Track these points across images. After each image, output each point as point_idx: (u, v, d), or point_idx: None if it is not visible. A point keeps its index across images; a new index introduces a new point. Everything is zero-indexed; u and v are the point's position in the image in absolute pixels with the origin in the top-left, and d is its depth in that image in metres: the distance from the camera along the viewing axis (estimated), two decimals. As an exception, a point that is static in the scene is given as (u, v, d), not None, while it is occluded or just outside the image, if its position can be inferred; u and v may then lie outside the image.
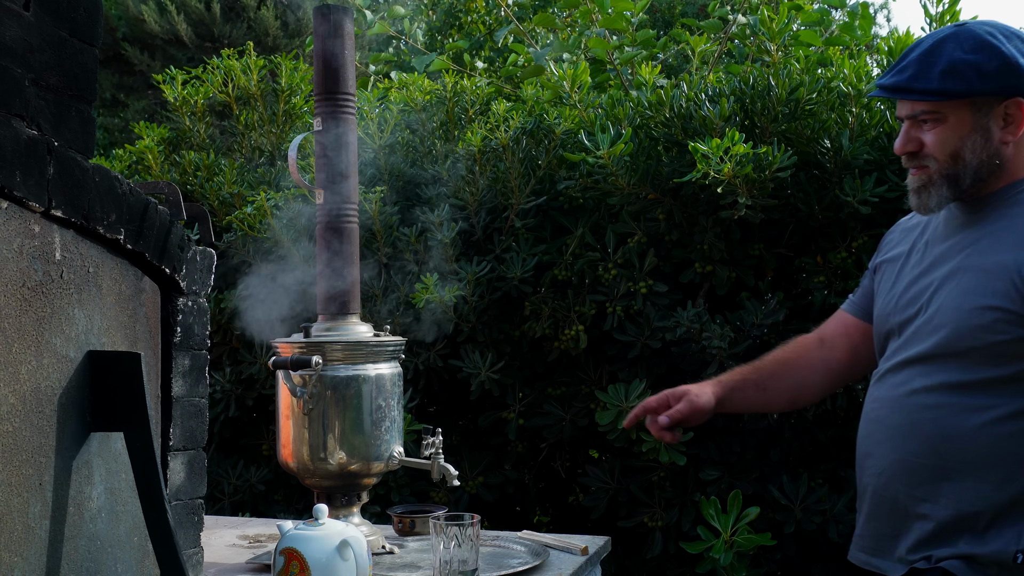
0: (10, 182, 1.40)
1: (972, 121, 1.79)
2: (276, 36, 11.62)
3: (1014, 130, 1.79)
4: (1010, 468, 1.70)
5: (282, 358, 2.20)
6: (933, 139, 1.81)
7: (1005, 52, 1.76)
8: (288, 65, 4.08)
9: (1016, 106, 1.77)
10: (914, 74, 1.79)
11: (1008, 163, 1.80)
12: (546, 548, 2.30)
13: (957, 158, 1.80)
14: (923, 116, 1.82)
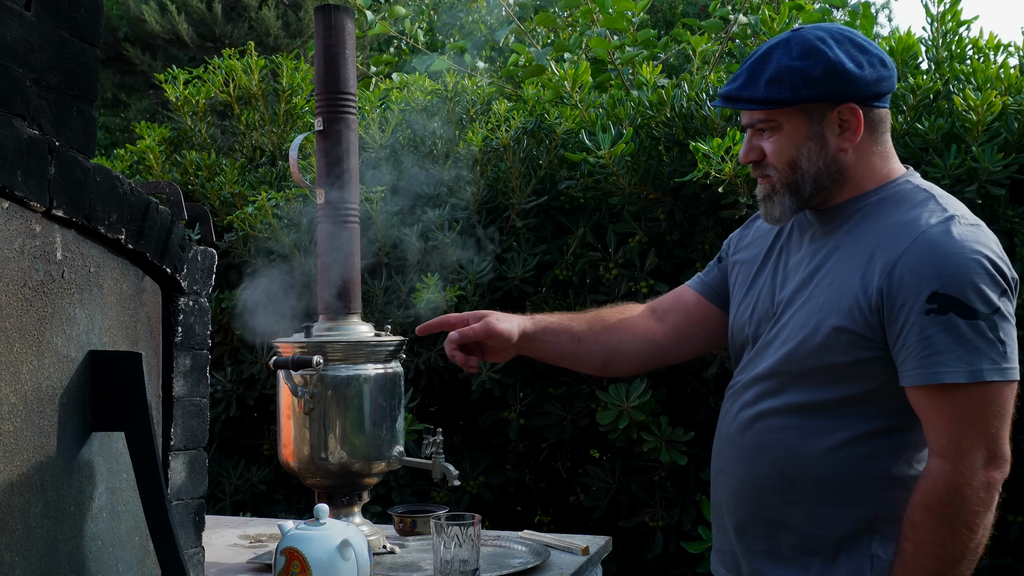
0: (11, 182, 1.40)
1: (806, 129, 1.74)
2: (277, 36, 11.62)
3: (851, 137, 1.74)
4: (858, 491, 1.67)
5: (283, 358, 2.20)
6: (772, 148, 1.77)
7: (831, 57, 1.72)
8: (289, 65, 4.08)
9: (850, 112, 1.72)
10: (743, 83, 1.76)
11: (851, 171, 1.75)
12: (547, 548, 2.30)
13: (795, 167, 1.75)
14: (760, 125, 1.78)
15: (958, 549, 1.58)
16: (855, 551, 1.68)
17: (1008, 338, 1.59)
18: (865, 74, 1.72)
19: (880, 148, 1.78)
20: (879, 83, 1.74)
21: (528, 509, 3.67)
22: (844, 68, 1.71)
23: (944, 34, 3.37)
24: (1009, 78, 3.09)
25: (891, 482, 1.67)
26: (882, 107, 1.77)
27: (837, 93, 1.71)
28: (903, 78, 3.31)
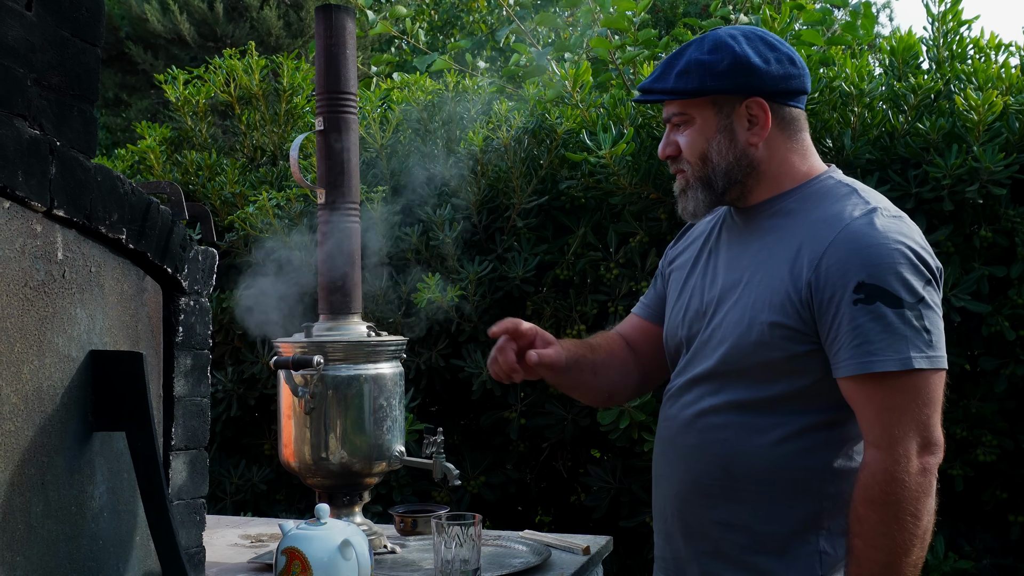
0: (12, 182, 1.40)
1: (716, 122, 1.78)
2: (279, 36, 11.62)
3: (759, 131, 1.77)
4: (801, 487, 1.69)
5: (284, 358, 2.20)
6: (685, 141, 1.81)
7: (737, 51, 1.76)
8: (290, 65, 4.08)
9: (757, 106, 1.76)
10: (657, 76, 1.82)
11: (764, 167, 1.79)
12: (548, 548, 2.30)
13: (706, 160, 1.79)
14: (675, 119, 1.82)
15: (906, 538, 1.58)
16: (802, 548, 1.69)
17: (934, 327, 1.63)
18: (771, 69, 1.76)
19: (797, 146, 1.81)
20: (787, 80, 1.77)
21: (529, 509, 3.67)
22: (750, 62, 1.75)
23: (945, 34, 3.37)
24: (1010, 78, 3.09)
25: (834, 476, 1.68)
26: (795, 106, 1.80)
27: (743, 86, 1.75)
28: (904, 77, 3.31)
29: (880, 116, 3.19)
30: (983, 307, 2.99)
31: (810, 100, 3.18)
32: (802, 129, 1.82)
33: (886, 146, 3.18)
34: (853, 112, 3.16)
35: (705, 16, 6.01)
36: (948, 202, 3.02)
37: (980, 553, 3.08)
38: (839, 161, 3.14)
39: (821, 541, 1.68)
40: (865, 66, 3.27)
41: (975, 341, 3.14)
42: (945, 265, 3.04)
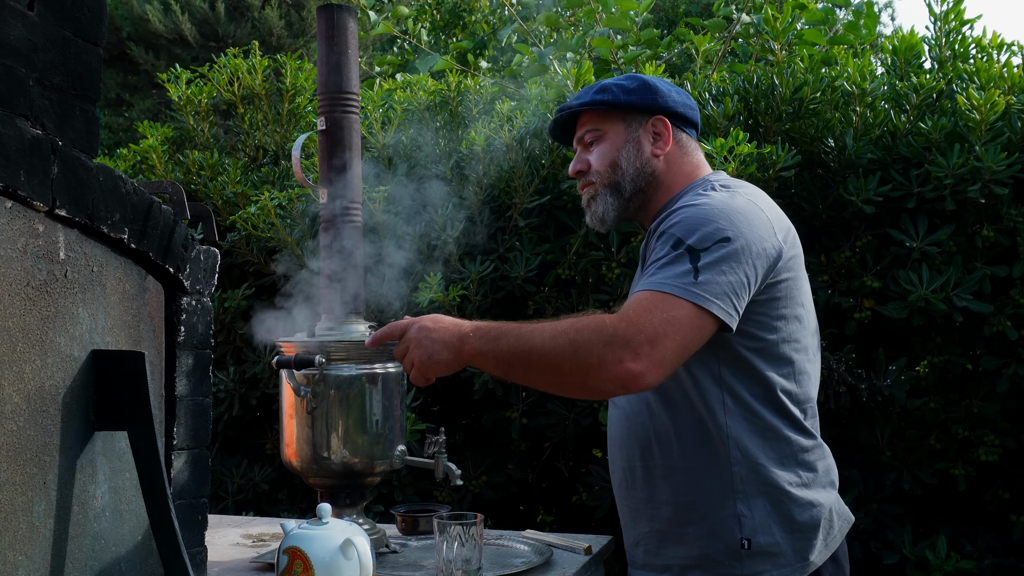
0: (14, 181, 1.40)
1: (625, 134, 2.06)
2: (280, 36, 11.62)
3: (662, 145, 2.05)
4: (710, 457, 1.87)
5: (286, 357, 2.20)
6: (596, 155, 2.08)
7: (646, 78, 2.08)
8: (293, 65, 4.08)
9: (661, 123, 2.05)
10: (577, 97, 2.11)
11: (662, 178, 2.05)
12: (549, 547, 2.30)
13: (615, 167, 2.05)
14: (588, 136, 2.09)
15: (567, 355, 1.75)
16: (722, 513, 1.87)
17: (710, 275, 1.78)
18: (672, 95, 2.08)
19: (690, 160, 2.09)
20: (685, 107, 2.09)
21: (531, 509, 3.67)
22: (656, 87, 2.07)
23: (947, 33, 3.37)
24: (1012, 77, 3.09)
25: (736, 442, 1.87)
26: (689, 133, 2.10)
27: (649, 104, 2.05)
28: (906, 77, 3.30)
29: (882, 115, 3.19)
30: (985, 307, 2.99)
31: (812, 99, 3.18)
32: (694, 151, 2.10)
33: (888, 145, 3.18)
34: (855, 112, 3.16)
35: (707, 15, 6.00)
36: (950, 202, 3.02)
37: (982, 553, 3.07)
38: (841, 160, 3.14)
39: (739, 505, 1.86)
40: (867, 65, 3.27)
41: (977, 341, 3.14)
42: (947, 265, 3.04)
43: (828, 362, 3.06)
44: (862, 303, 3.16)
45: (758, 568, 1.86)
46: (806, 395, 1.94)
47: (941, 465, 3.13)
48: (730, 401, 1.87)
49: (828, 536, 1.91)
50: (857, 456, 3.24)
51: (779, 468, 1.87)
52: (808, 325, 1.98)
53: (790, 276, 1.92)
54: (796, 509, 1.87)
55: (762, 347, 1.88)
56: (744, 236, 1.82)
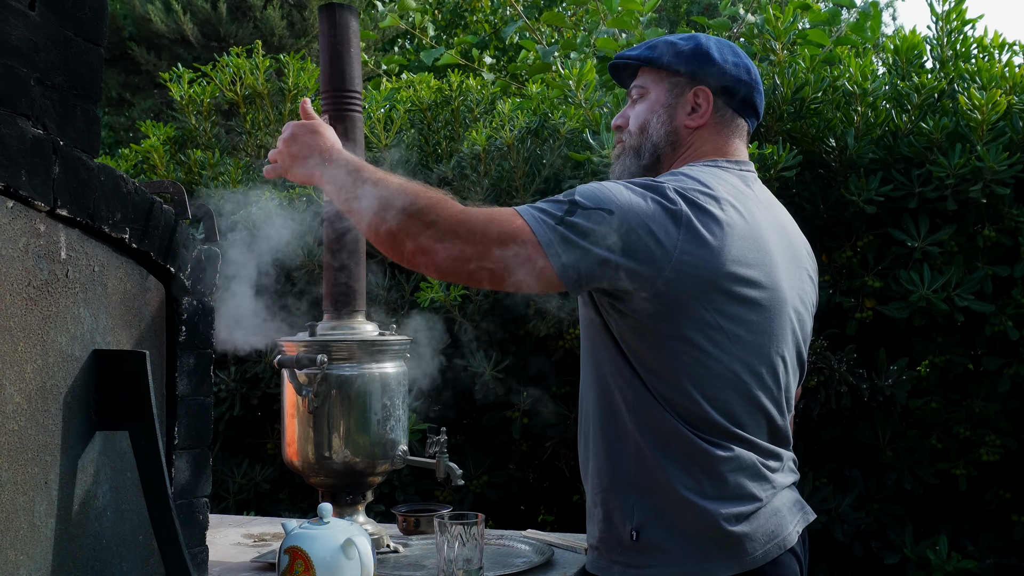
0: (16, 181, 1.40)
1: (665, 99, 1.98)
2: (282, 36, 11.62)
3: (697, 118, 1.96)
4: (622, 434, 1.87)
5: (287, 357, 2.20)
6: (634, 114, 2.02)
7: (702, 42, 1.98)
8: (295, 65, 4.08)
9: (704, 95, 1.96)
10: (631, 50, 2.05)
11: (682, 151, 1.98)
12: (551, 547, 2.30)
13: (644, 130, 1.99)
14: (635, 91, 2.03)
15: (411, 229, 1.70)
16: (649, 484, 1.85)
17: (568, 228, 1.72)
18: (726, 67, 1.96)
19: (720, 143, 1.98)
20: (736, 82, 1.97)
21: (532, 508, 3.67)
22: (709, 53, 1.96)
23: (949, 33, 3.36)
24: (1014, 77, 3.09)
25: (637, 418, 1.84)
26: (739, 112, 1.99)
27: (695, 72, 1.96)
28: (908, 77, 3.30)
29: (883, 115, 3.18)
30: (987, 307, 2.99)
31: (813, 99, 3.17)
32: (737, 136, 2.00)
33: (889, 145, 3.18)
34: (856, 111, 3.16)
35: (710, 15, 6.00)
36: (951, 202, 3.01)
37: (984, 553, 3.07)
38: (842, 160, 3.13)
39: (631, 497, 1.86)
40: (868, 65, 3.26)
41: (979, 341, 3.14)
42: (948, 265, 3.04)
43: (830, 362, 3.06)
44: (863, 303, 3.16)
45: (648, 562, 1.84)
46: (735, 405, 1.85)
47: (942, 465, 3.13)
48: (625, 380, 1.85)
49: (736, 551, 1.82)
50: (858, 456, 3.24)
51: (679, 471, 1.81)
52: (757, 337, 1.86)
53: (696, 291, 1.81)
54: (687, 514, 1.81)
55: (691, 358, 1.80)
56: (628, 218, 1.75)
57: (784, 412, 1.95)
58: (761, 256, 1.87)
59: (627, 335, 1.83)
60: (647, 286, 1.76)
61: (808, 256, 2.08)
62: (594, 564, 1.93)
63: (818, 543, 3.20)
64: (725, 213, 1.82)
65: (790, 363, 1.94)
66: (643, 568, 1.84)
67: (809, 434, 3.28)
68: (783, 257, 1.94)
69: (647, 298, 1.78)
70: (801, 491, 3.10)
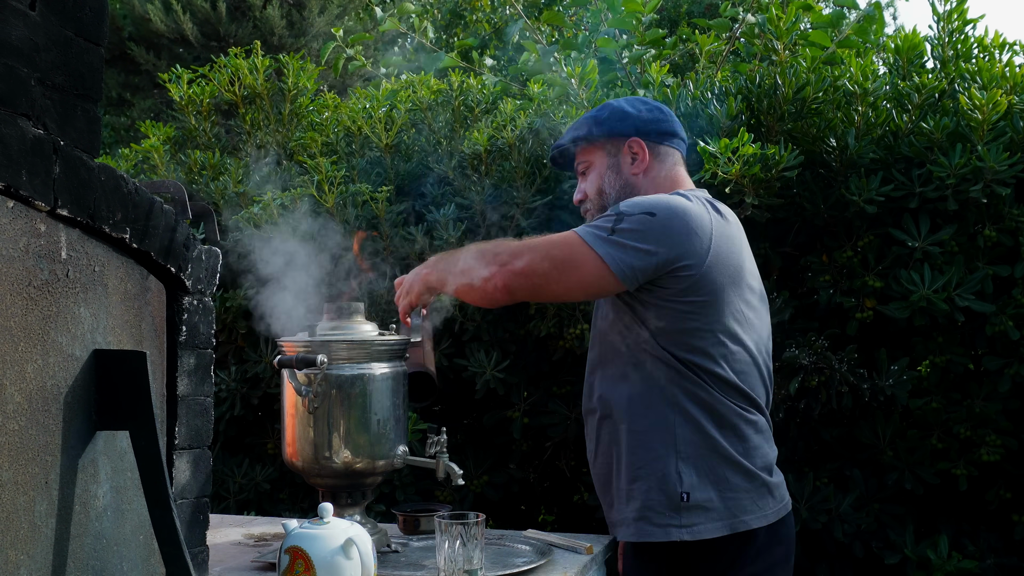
0: (16, 181, 1.40)
1: (607, 161, 2.33)
2: (282, 35, 11.63)
3: (640, 164, 2.32)
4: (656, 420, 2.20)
5: (287, 357, 2.20)
6: (588, 184, 2.37)
7: (614, 104, 2.34)
8: (295, 65, 4.08)
9: (638, 145, 2.31)
10: (562, 139, 2.41)
11: (644, 192, 2.29)
12: (551, 547, 2.30)
13: (602, 193, 2.34)
14: (580, 167, 2.40)
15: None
16: (664, 471, 2.16)
17: (623, 236, 2.10)
18: (642, 114, 2.32)
19: (668, 174, 2.33)
20: (657, 123, 2.33)
21: (532, 508, 3.67)
22: (624, 110, 2.33)
23: (950, 33, 3.36)
24: (1015, 77, 3.09)
25: (677, 407, 2.17)
26: (668, 145, 2.35)
27: (620, 129, 2.31)
28: (908, 76, 3.30)
29: (884, 115, 3.18)
30: (987, 307, 2.99)
31: (814, 99, 3.17)
32: (676, 163, 2.36)
33: (890, 145, 3.18)
34: (857, 111, 3.16)
35: (710, 15, 6.00)
36: (952, 201, 3.01)
37: (984, 553, 3.07)
38: (843, 160, 3.13)
39: (679, 463, 2.15)
40: (870, 65, 3.26)
41: (979, 341, 3.14)
42: (949, 265, 3.03)
43: (830, 362, 3.05)
44: (864, 303, 3.16)
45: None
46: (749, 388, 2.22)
47: (943, 465, 3.13)
48: (667, 369, 2.18)
49: (763, 504, 2.19)
50: (859, 456, 3.24)
51: (721, 435, 2.17)
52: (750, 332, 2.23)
53: (720, 273, 2.15)
54: (730, 472, 2.16)
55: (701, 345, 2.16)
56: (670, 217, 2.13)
57: (771, 391, 2.35)
58: (749, 256, 2.30)
59: (669, 322, 2.15)
60: (690, 272, 2.11)
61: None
62: (642, 533, 2.17)
63: (818, 543, 3.20)
64: (724, 217, 2.22)
65: (768, 347, 2.33)
66: (693, 526, 2.14)
67: (810, 434, 3.28)
68: (749, 255, 2.33)
69: (689, 287, 2.12)
70: (801, 491, 3.12)
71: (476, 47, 5.20)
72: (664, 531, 2.14)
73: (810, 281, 3.32)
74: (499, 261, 2.13)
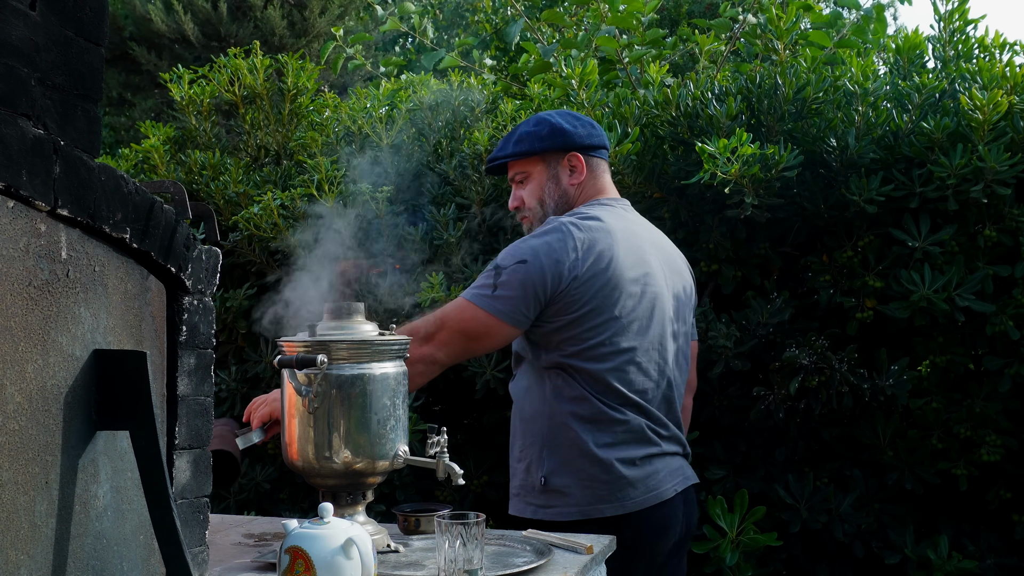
0: (16, 181, 1.40)
1: (547, 172, 2.60)
2: (283, 36, 11.63)
3: (578, 176, 2.60)
4: (537, 410, 2.54)
5: (287, 357, 2.20)
6: (526, 193, 2.63)
7: (552, 122, 2.58)
8: (295, 65, 4.08)
9: (575, 157, 2.59)
10: (499, 148, 2.64)
11: (575, 201, 2.60)
12: (551, 547, 2.30)
13: (543, 203, 2.61)
14: (517, 177, 2.64)
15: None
16: (534, 457, 2.52)
17: (505, 290, 2.43)
18: (577, 130, 2.59)
19: (595, 183, 2.63)
20: (591, 138, 2.61)
21: (533, 508, 3.66)
22: (562, 127, 2.58)
23: (951, 33, 3.36)
24: (1015, 77, 3.08)
25: (554, 403, 2.50)
26: (599, 157, 2.64)
27: (561, 144, 2.57)
28: (909, 77, 3.30)
29: (884, 115, 3.18)
30: (987, 307, 2.99)
31: (814, 99, 3.17)
32: (603, 173, 2.66)
33: (890, 145, 3.18)
34: (857, 111, 3.16)
35: (711, 15, 6.00)
36: (952, 201, 3.01)
37: (984, 553, 3.07)
38: (843, 160, 3.13)
39: (545, 452, 2.50)
40: (870, 65, 3.26)
41: (979, 341, 3.14)
42: (949, 265, 3.03)
43: (831, 362, 3.05)
44: (864, 303, 3.16)
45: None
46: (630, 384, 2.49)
47: (943, 465, 3.13)
48: (558, 374, 2.49)
49: (620, 496, 2.46)
50: (859, 456, 3.24)
51: (583, 428, 2.46)
52: (631, 329, 2.49)
53: (597, 294, 2.43)
54: (587, 462, 2.45)
55: (580, 350, 2.46)
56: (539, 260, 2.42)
57: (673, 388, 2.59)
58: (640, 259, 2.53)
59: (551, 336, 2.47)
60: (566, 298, 2.42)
61: (684, 265, 2.76)
62: (514, 508, 2.56)
63: (819, 543, 3.20)
64: (610, 231, 2.48)
65: (670, 349, 2.58)
66: (551, 507, 2.48)
67: (810, 434, 3.28)
68: (659, 265, 2.59)
69: (565, 305, 2.43)
70: (801, 491, 3.12)
71: (476, 47, 5.20)
72: (532, 509, 2.50)
73: (810, 281, 3.32)
74: (413, 352, 2.37)
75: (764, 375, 3.21)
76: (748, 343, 3.14)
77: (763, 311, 3.16)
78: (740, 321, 3.19)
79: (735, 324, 3.16)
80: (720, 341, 3.08)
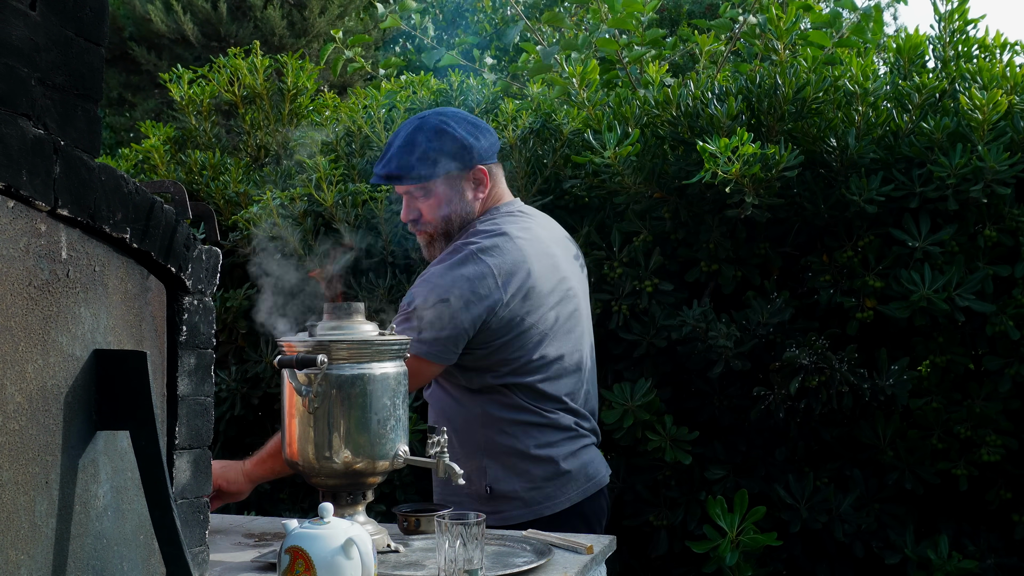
0: (16, 181, 1.40)
1: (451, 190, 2.56)
2: (282, 36, 11.63)
3: (483, 189, 2.60)
4: (471, 421, 2.60)
5: (287, 357, 2.20)
6: (427, 209, 2.58)
7: (458, 137, 2.52)
8: (294, 65, 4.08)
9: (479, 171, 2.58)
10: (399, 165, 2.53)
11: (479, 212, 2.60)
12: (551, 547, 2.30)
13: (448, 219, 2.58)
14: (415, 193, 2.57)
15: None
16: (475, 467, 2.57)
17: (430, 331, 2.46)
18: (478, 142, 2.55)
19: (495, 190, 2.64)
20: (492, 146, 2.60)
21: (533, 508, 3.66)
22: (467, 143, 2.53)
23: (951, 33, 3.36)
24: (1015, 77, 3.09)
25: (486, 414, 2.58)
26: (496, 162, 2.65)
27: (467, 161, 2.54)
28: (909, 76, 3.30)
29: (884, 115, 3.18)
30: (987, 307, 2.99)
31: (814, 99, 3.17)
32: (501, 175, 2.69)
33: (890, 145, 3.18)
34: (857, 111, 3.16)
35: (711, 15, 5.99)
36: (952, 201, 3.01)
37: (984, 553, 3.07)
38: (843, 160, 3.13)
39: (486, 461, 2.57)
40: (870, 65, 3.26)
41: (979, 341, 3.14)
42: (949, 265, 3.03)
43: (830, 362, 3.05)
44: (864, 303, 3.16)
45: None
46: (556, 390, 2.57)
47: (943, 465, 3.13)
48: (489, 386, 2.55)
49: (566, 488, 2.57)
50: (859, 456, 3.24)
51: (520, 432, 2.54)
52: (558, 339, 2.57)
53: (524, 317, 2.50)
54: (530, 464, 2.54)
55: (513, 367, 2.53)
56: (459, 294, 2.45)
57: (591, 379, 2.70)
58: (553, 266, 2.58)
59: (480, 361, 2.52)
60: (492, 327, 2.47)
61: (573, 243, 2.80)
62: None
63: (819, 543, 3.20)
64: (518, 245, 2.51)
65: (587, 341, 2.69)
66: (501, 513, 2.52)
67: (810, 434, 3.28)
68: (567, 263, 2.65)
69: (494, 332, 2.48)
70: (801, 491, 3.12)
71: (477, 46, 5.20)
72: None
73: (810, 281, 3.32)
74: None
75: (764, 375, 3.21)
76: (748, 343, 3.13)
77: (763, 311, 3.16)
78: (740, 321, 3.19)
79: (735, 324, 3.16)
80: (720, 341, 3.08)
